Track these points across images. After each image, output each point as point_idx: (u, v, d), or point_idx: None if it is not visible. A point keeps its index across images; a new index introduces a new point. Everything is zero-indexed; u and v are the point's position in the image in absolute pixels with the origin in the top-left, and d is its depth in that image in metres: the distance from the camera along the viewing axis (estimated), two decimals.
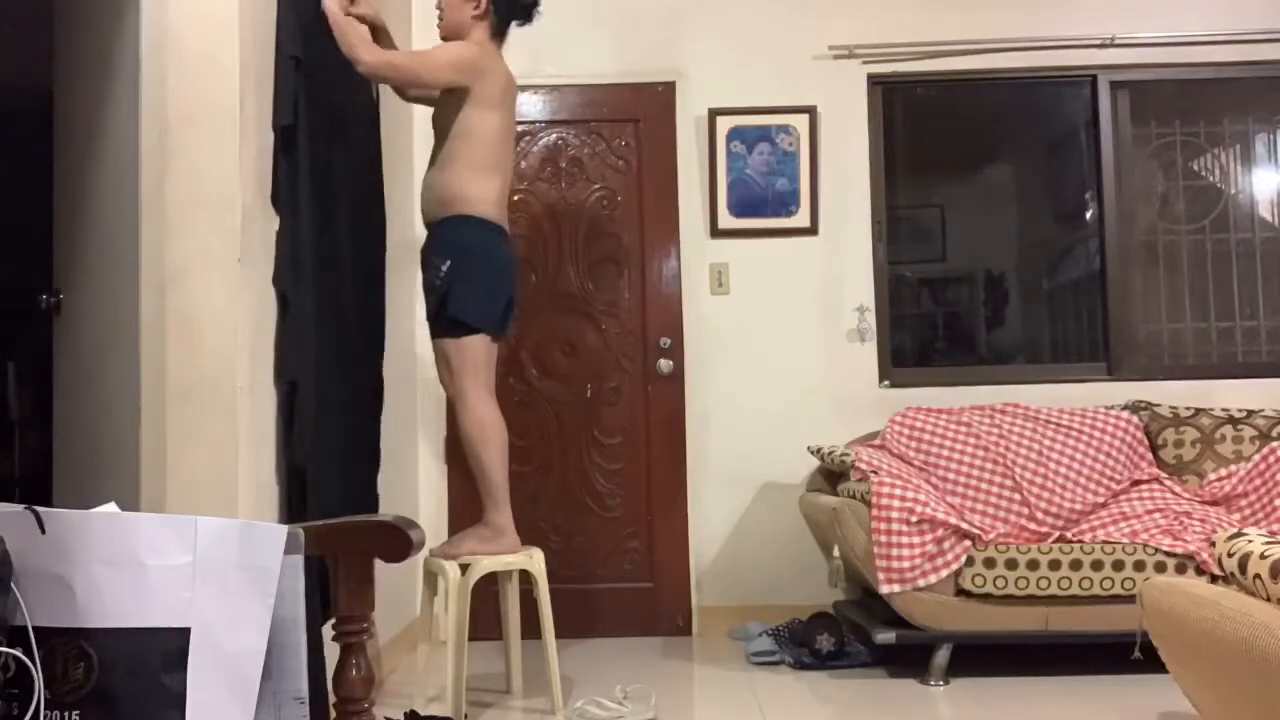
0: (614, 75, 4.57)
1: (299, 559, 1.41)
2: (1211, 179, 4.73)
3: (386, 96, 3.95)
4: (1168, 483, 4.05)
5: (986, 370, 4.65)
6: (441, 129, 3.29)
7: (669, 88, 4.58)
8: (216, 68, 2.57)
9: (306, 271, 2.86)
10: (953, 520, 3.55)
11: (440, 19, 3.39)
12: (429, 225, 3.28)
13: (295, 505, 2.78)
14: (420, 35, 4.50)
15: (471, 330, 3.21)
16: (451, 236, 3.21)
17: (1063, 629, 3.51)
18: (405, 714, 2.88)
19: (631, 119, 4.59)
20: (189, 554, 1.35)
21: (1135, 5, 4.59)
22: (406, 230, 4.33)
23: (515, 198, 4.54)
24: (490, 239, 3.24)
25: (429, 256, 3.22)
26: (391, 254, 3.97)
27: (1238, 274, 4.65)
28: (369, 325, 3.63)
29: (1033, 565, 3.48)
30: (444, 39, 3.38)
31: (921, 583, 3.48)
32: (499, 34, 3.38)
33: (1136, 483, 4.07)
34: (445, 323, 3.21)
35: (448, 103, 3.26)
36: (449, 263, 3.16)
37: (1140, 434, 4.19)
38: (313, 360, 2.91)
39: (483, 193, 3.22)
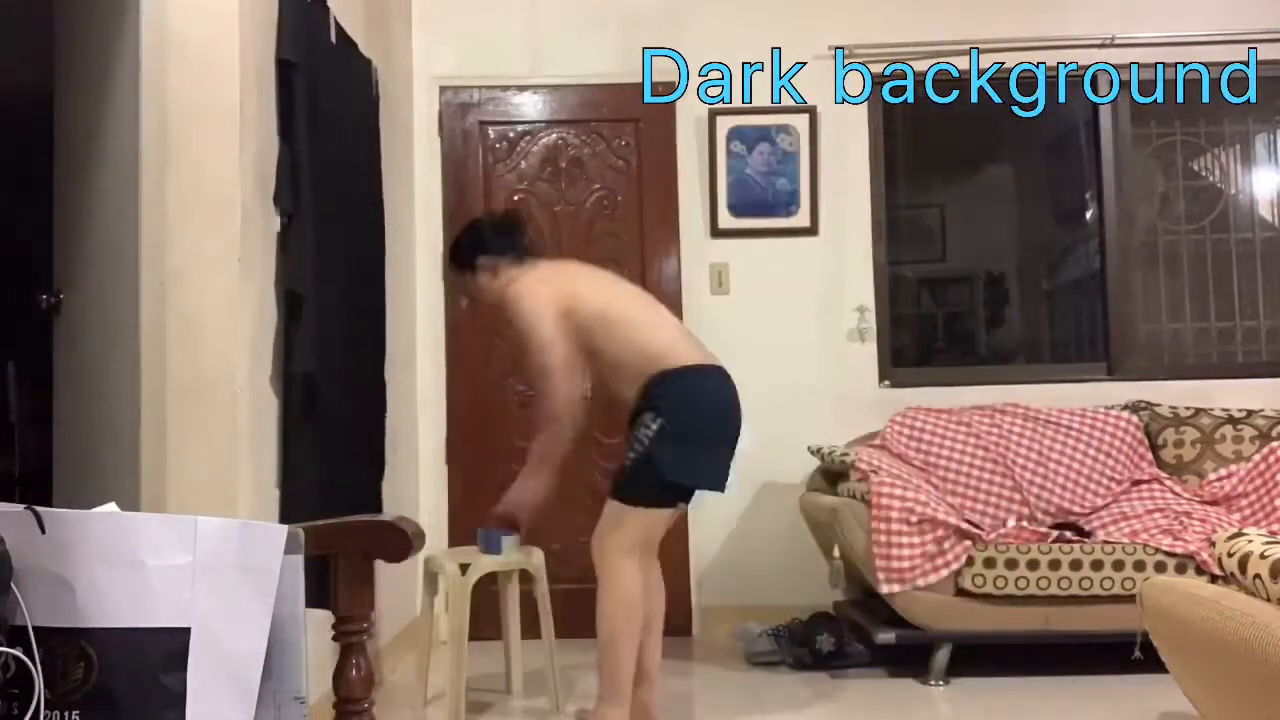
0: (614, 75, 4.57)
1: (299, 559, 1.41)
2: (1211, 179, 4.73)
3: (387, 95, 3.95)
4: (1168, 483, 4.05)
5: (986, 370, 4.65)
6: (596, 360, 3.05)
7: (669, 88, 4.58)
8: (216, 68, 2.57)
9: (312, 270, 2.86)
10: (953, 520, 3.55)
11: (478, 300, 3.26)
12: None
13: (296, 506, 2.78)
14: (420, 35, 4.51)
15: (684, 496, 2.95)
16: (657, 394, 2.90)
17: (1063, 629, 3.51)
18: None
19: (631, 119, 4.59)
20: (189, 554, 1.35)
21: (1135, 5, 4.59)
22: (406, 230, 4.33)
23: (515, 198, 4.54)
24: (701, 386, 2.97)
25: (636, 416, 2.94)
26: (390, 253, 3.97)
27: (1238, 274, 4.65)
28: (370, 326, 3.64)
29: (1033, 565, 3.48)
30: (508, 319, 3.13)
31: (921, 583, 3.48)
32: (517, 260, 3.11)
33: (1137, 483, 4.07)
34: (651, 486, 2.88)
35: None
36: (660, 421, 2.84)
37: (1140, 434, 4.19)
38: (320, 357, 2.91)
39: (661, 346, 2.97)
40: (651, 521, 2.95)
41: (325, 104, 3.07)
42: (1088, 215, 4.72)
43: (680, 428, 2.85)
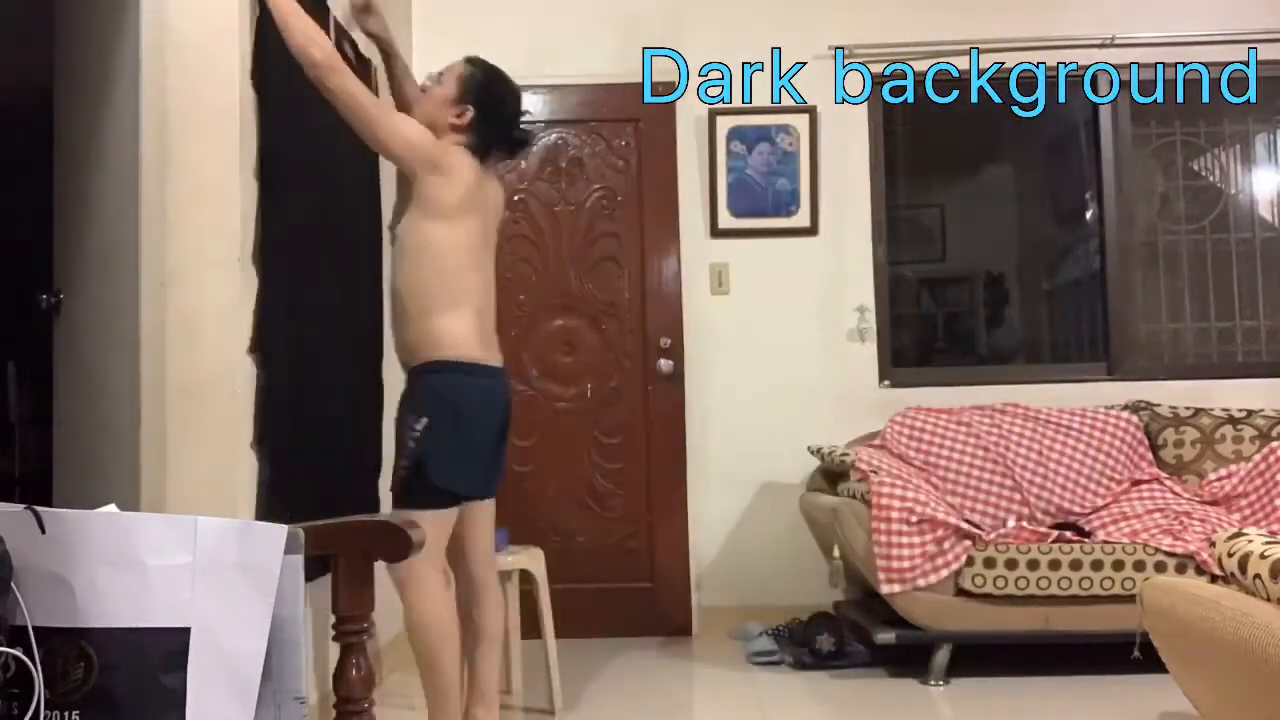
0: (614, 75, 4.57)
1: (299, 559, 1.41)
2: (1211, 179, 4.73)
3: (386, 95, 3.95)
4: (1168, 483, 4.05)
5: (986, 370, 4.65)
6: (397, 244, 2.73)
7: (669, 88, 4.58)
8: (216, 68, 2.57)
9: (286, 259, 2.81)
10: (953, 520, 3.55)
11: (427, 96, 2.84)
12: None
13: (288, 506, 2.77)
14: (420, 35, 4.50)
15: (454, 500, 2.65)
16: (422, 389, 2.65)
17: (1063, 629, 3.51)
18: None
19: (631, 119, 4.59)
20: (189, 554, 1.35)
21: (1135, 5, 4.59)
22: None
23: (515, 198, 4.54)
24: (471, 386, 2.68)
25: (401, 411, 2.68)
26: (387, 251, 3.96)
27: (1238, 274, 4.65)
28: (366, 326, 3.63)
29: (1033, 565, 3.48)
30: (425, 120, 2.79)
31: (921, 583, 3.48)
32: (479, 155, 2.74)
33: (1136, 483, 4.07)
34: (420, 490, 2.58)
35: (400, 203, 2.72)
36: (424, 420, 2.59)
37: (1140, 434, 4.19)
38: (294, 351, 2.86)
39: (456, 328, 2.65)
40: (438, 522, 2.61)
41: (321, 104, 3.07)
42: (1088, 215, 4.72)
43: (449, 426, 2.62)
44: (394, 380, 3.99)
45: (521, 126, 2.88)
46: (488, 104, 2.75)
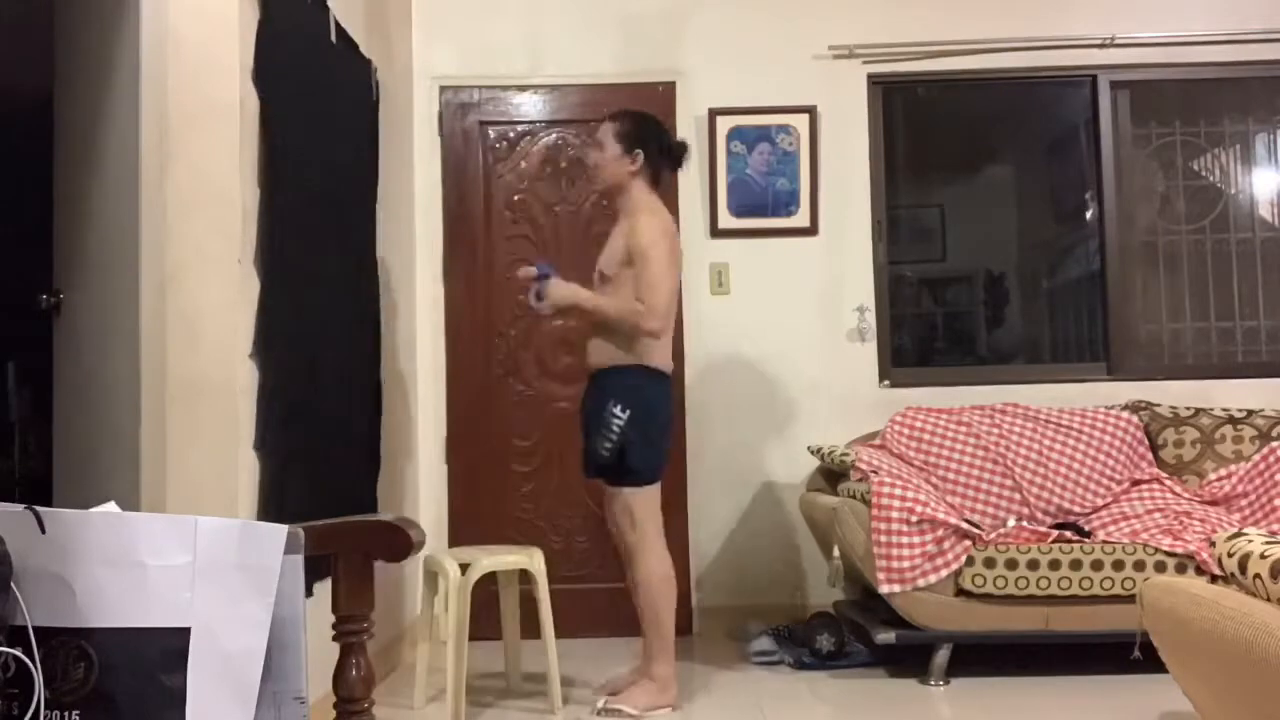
0: (614, 75, 4.57)
1: (299, 559, 1.41)
2: (1211, 179, 4.73)
3: (387, 95, 3.95)
4: (1168, 482, 4.05)
5: (986, 370, 4.65)
6: (619, 286, 3.31)
7: (669, 88, 4.58)
8: (216, 68, 2.57)
9: (281, 259, 2.80)
10: (953, 520, 3.55)
11: (594, 169, 3.49)
12: (601, 369, 3.33)
13: (286, 506, 2.77)
14: (420, 34, 4.50)
15: (652, 481, 3.29)
16: (631, 386, 3.26)
17: (1063, 629, 3.51)
18: None
19: None
20: (189, 554, 1.35)
21: (1135, 5, 4.59)
22: (406, 230, 4.33)
23: (515, 198, 4.54)
24: (667, 391, 3.36)
25: (603, 399, 3.26)
26: (389, 253, 3.97)
27: (1238, 274, 4.65)
28: (364, 327, 3.63)
29: (1033, 565, 3.48)
30: (599, 190, 3.67)
31: (921, 583, 3.48)
32: (655, 183, 3.41)
33: (1136, 483, 4.07)
34: (627, 472, 3.25)
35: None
36: (629, 413, 3.21)
37: (1140, 434, 4.19)
38: (294, 351, 2.87)
39: (663, 345, 3.31)
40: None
41: (320, 104, 3.07)
42: (1088, 215, 4.72)
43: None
44: (394, 380, 4.00)
45: (675, 142, 3.49)
46: (648, 142, 3.37)
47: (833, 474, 4.15)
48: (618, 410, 3.20)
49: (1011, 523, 3.85)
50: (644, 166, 3.36)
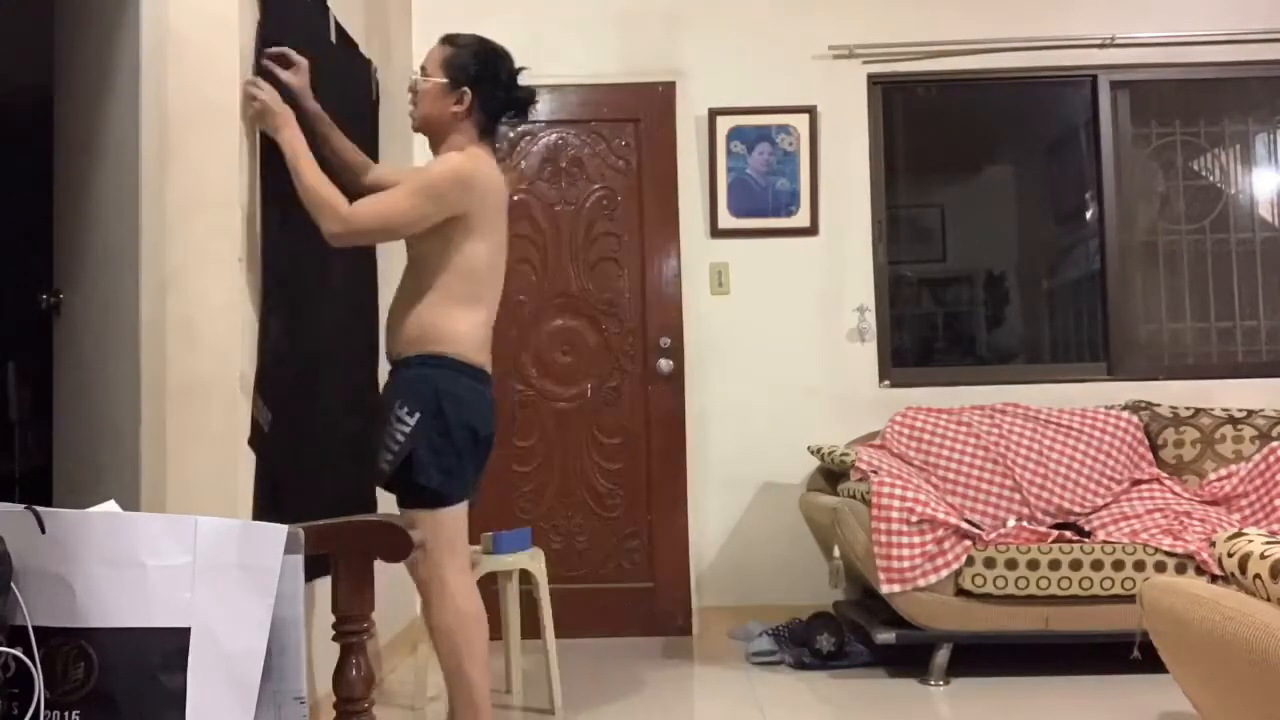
0: (614, 75, 4.57)
1: (299, 559, 1.41)
2: (1211, 179, 4.73)
3: (387, 95, 3.95)
4: (1168, 482, 4.05)
5: (986, 370, 4.65)
6: (419, 255, 2.69)
7: (669, 88, 4.58)
8: (216, 68, 2.57)
9: (286, 259, 2.80)
10: (953, 520, 3.55)
11: (412, 105, 2.76)
12: (393, 363, 2.68)
13: (292, 507, 2.77)
14: (420, 34, 4.50)
15: (449, 503, 2.59)
16: (420, 382, 2.58)
17: (1063, 629, 3.51)
18: None
19: (631, 119, 4.59)
20: (189, 554, 1.35)
21: (1135, 5, 4.59)
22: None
23: (515, 198, 4.54)
24: (479, 392, 2.64)
25: (390, 402, 2.60)
26: (389, 253, 3.96)
27: (1238, 274, 4.65)
28: (362, 327, 3.63)
29: (1033, 565, 3.48)
30: (417, 130, 2.79)
31: (921, 583, 3.48)
32: (488, 133, 2.74)
33: (1137, 483, 4.08)
34: (412, 489, 2.57)
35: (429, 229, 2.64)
36: (417, 416, 2.54)
37: (1140, 434, 4.19)
38: (294, 351, 2.86)
39: (465, 329, 2.62)
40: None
41: (320, 104, 3.06)
42: (1088, 215, 4.72)
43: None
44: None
45: (521, 85, 2.76)
46: (481, 79, 2.69)
47: (833, 474, 4.15)
48: (404, 413, 2.54)
49: (1011, 523, 3.85)
50: (473, 108, 2.68)
